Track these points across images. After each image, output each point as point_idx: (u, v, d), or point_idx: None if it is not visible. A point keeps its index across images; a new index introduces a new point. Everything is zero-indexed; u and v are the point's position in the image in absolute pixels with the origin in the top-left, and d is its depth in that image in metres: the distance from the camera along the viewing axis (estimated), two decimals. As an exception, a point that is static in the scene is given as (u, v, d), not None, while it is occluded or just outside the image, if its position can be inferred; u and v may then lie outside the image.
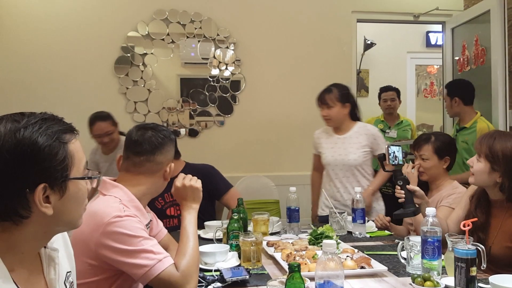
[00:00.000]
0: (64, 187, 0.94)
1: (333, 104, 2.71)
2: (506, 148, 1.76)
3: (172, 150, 1.66)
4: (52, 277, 1.02)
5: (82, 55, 3.67)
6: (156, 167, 1.60)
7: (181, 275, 1.40)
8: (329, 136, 2.83)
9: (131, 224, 1.42)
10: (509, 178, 1.75)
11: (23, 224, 0.91)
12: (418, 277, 1.50)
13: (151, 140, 1.60)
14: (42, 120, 0.93)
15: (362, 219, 2.28)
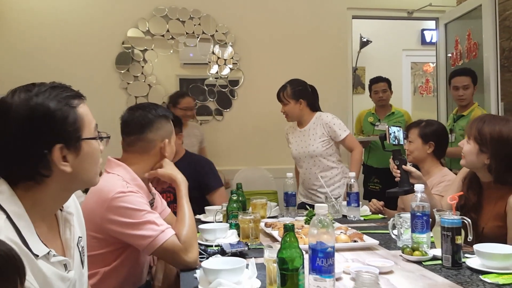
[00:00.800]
0: (78, 147, 1.04)
1: (287, 101, 2.91)
2: (494, 131, 1.82)
3: (166, 128, 1.70)
4: (67, 237, 1.11)
5: (84, 51, 3.76)
6: (148, 145, 1.66)
7: (183, 244, 1.49)
8: (294, 131, 3.04)
9: (134, 199, 1.50)
10: (496, 159, 1.80)
11: (45, 183, 1.01)
12: (407, 248, 1.59)
13: (138, 119, 1.66)
14: (52, 88, 1.04)
15: (356, 202, 2.36)
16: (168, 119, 1.73)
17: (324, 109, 4.04)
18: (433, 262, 1.53)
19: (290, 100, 2.90)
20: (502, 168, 1.80)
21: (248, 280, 1.32)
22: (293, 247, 1.18)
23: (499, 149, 1.80)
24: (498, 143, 1.81)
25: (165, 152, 1.68)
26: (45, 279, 0.97)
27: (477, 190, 1.93)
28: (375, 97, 4.05)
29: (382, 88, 3.99)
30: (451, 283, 1.34)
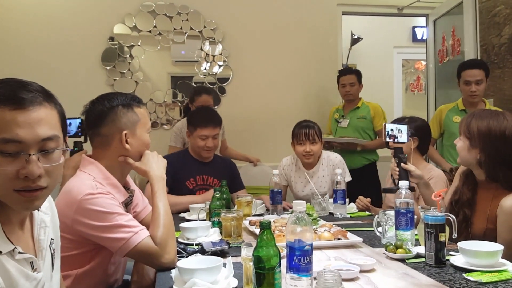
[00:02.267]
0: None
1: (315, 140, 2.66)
2: (481, 125, 1.80)
3: (126, 118, 1.57)
4: (41, 237, 1.07)
5: (70, 47, 3.70)
6: (105, 140, 1.57)
7: (158, 246, 1.44)
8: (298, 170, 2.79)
9: (103, 201, 1.43)
10: (486, 154, 1.78)
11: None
12: (391, 245, 1.55)
13: (93, 112, 1.58)
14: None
15: (342, 200, 2.33)
16: (128, 107, 1.58)
17: (314, 106, 4.03)
18: (417, 260, 1.50)
19: (319, 139, 2.67)
20: (492, 162, 1.77)
21: (224, 279, 1.28)
22: (269, 245, 1.14)
23: (488, 143, 1.77)
24: (486, 137, 1.78)
25: (125, 144, 1.56)
26: (8, 275, 0.93)
27: (472, 186, 1.89)
28: (342, 90, 3.71)
29: (350, 82, 3.64)
30: (433, 282, 1.30)
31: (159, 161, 1.66)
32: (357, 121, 3.63)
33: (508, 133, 1.75)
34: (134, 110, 1.60)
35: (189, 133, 2.69)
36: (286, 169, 2.83)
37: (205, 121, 2.61)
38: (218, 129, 2.66)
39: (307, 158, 2.67)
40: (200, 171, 2.64)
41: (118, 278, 1.66)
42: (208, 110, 2.93)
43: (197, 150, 2.65)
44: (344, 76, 3.66)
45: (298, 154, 2.70)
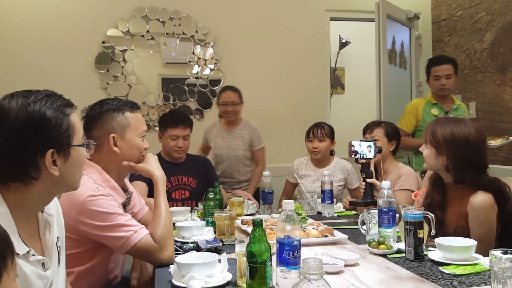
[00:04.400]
0: (68, 153, 1.12)
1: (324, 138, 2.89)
2: (446, 133, 1.88)
3: (115, 121, 1.65)
4: (47, 237, 1.16)
5: (63, 51, 3.76)
6: (97, 143, 1.60)
7: (158, 244, 1.54)
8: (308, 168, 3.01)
9: (105, 202, 1.53)
10: (452, 160, 1.87)
11: (32, 184, 1.07)
12: (374, 241, 1.67)
13: (87, 117, 1.68)
14: (47, 96, 1.11)
15: (330, 199, 2.44)
16: (118, 111, 1.66)
17: (303, 109, 4.15)
18: (397, 255, 1.62)
19: (328, 138, 2.90)
20: (459, 168, 1.86)
21: (220, 273, 1.38)
22: (261, 241, 1.25)
23: (453, 149, 1.86)
24: (451, 144, 1.86)
25: (113, 147, 1.64)
26: (24, 276, 1.02)
27: (442, 189, 1.99)
28: (435, 83, 3.15)
29: (446, 73, 3.11)
30: (412, 274, 1.42)
31: (158, 162, 1.76)
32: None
33: (471, 139, 1.85)
34: (124, 115, 1.69)
35: (161, 134, 2.80)
36: (297, 166, 3.05)
37: (176, 122, 2.72)
38: (189, 130, 2.77)
39: (315, 154, 2.93)
40: (174, 172, 2.73)
41: (118, 274, 1.75)
42: (179, 111, 3.15)
43: (168, 151, 2.75)
44: (438, 66, 3.13)
45: (308, 150, 2.98)
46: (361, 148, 2.23)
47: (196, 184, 2.76)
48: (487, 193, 1.80)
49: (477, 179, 1.84)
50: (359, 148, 2.24)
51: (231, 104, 3.24)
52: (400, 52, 4.28)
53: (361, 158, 2.24)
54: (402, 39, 4.31)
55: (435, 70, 3.20)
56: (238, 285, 1.34)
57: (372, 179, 2.19)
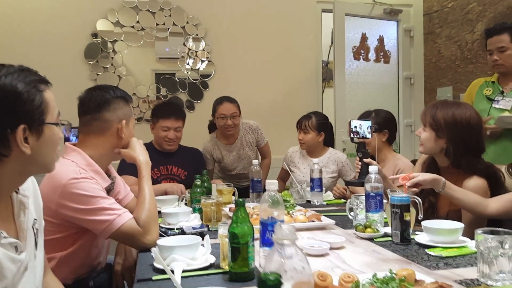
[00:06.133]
0: (40, 130, 1.07)
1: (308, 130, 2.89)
2: (447, 115, 1.88)
3: (124, 109, 1.70)
4: (21, 219, 1.13)
5: (53, 42, 3.72)
6: (104, 125, 1.65)
7: (142, 228, 1.51)
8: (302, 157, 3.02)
9: (87, 185, 1.50)
10: (453, 143, 1.86)
11: (3, 162, 1.03)
12: (360, 225, 1.65)
13: (95, 98, 1.66)
14: (20, 70, 1.07)
15: (319, 188, 2.43)
16: (126, 101, 1.72)
17: (295, 101, 4.13)
18: (384, 239, 1.60)
19: (313, 130, 2.88)
20: (459, 151, 1.86)
21: (202, 256, 1.35)
22: (243, 222, 1.23)
23: (454, 132, 1.86)
24: (452, 127, 1.86)
25: (122, 133, 1.67)
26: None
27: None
28: (489, 60, 2.69)
29: (498, 46, 2.56)
30: (398, 257, 1.40)
31: (144, 147, 1.74)
32: None
33: (473, 122, 1.85)
34: (129, 105, 1.75)
35: (152, 125, 2.78)
36: (291, 154, 3.05)
37: (168, 113, 2.70)
38: (181, 122, 2.75)
39: (300, 145, 2.95)
40: (164, 161, 2.72)
41: (101, 261, 1.72)
42: (172, 103, 3.08)
43: (159, 142, 2.73)
44: (490, 39, 2.63)
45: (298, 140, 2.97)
46: (361, 128, 2.20)
47: (186, 176, 2.73)
48: (481, 178, 1.81)
49: (474, 163, 1.85)
50: (359, 128, 2.20)
51: (230, 117, 3.03)
52: (377, 47, 4.30)
53: (359, 138, 2.20)
54: (381, 33, 4.32)
55: (488, 44, 2.66)
56: (221, 267, 1.31)
57: (369, 158, 2.16)
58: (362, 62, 4.23)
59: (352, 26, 4.18)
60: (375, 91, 4.26)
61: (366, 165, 2.16)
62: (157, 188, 2.53)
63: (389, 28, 4.40)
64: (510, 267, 1.15)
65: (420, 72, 4.43)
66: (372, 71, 4.29)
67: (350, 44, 4.19)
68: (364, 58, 4.23)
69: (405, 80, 4.40)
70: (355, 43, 4.21)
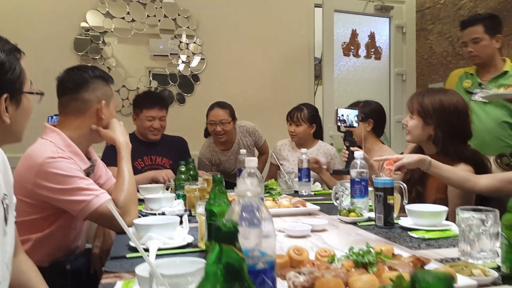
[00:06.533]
0: (19, 99, 1.07)
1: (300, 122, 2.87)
2: (435, 102, 1.87)
3: (103, 89, 1.65)
4: None
5: (42, 33, 3.67)
6: (83, 106, 1.61)
7: (120, 209, 1.48)
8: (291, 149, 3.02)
9: (64, 165, 1.47)
10: (441, 129, 1.85)
11: None
12: (344, 210, 1.63)
13: (73, 78, 1.62)
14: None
15: (307, 178, 2.40)
16: (106, 81, 1.68)
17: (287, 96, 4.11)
18: (368, 223, 1.58)
19: (305, 122, 2.86)
20: (447, 137, 1.84)
21: (180, 236, 1.32)
22: (221, 199, 1.20)
23: (442, 117, 1.85)
24: (440, 112, 1.85)
25: (102, 114, 1.63)
26: None
27: None
28: (465, 51, 2.64)
29: (472, 37, 2.51)
30: (379, 238, 1.38)
31: (124, 130, 1.71)
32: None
33: (460, 107, 1.84)
34: (110, 86, 1.71)
35: (135, 115, 2.74)
36: (280, 147, 3.04)
37: (152, 103, 2.68)
38: (165, 111, 2.73)
39: (292, 137, 2.94)
40: (148, 151, 2.70)
41: (80, 245, 1.69)
42: (153, 92, 3.08)
43: (144, 132, 2.70)
44: (465, 30, 2.58)
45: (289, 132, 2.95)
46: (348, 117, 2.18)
47: (170, 165, 2.71)
48: (467, 165, 1.80)
49: (461, 149, 1.84)
50: (346, 117, 2.18)
51: (219, 123, 2.96)
52: (368, 44, 4.29)
53: (346, 127, 2.18)
54: (372, 30, 4.31)
55: (463, 36, 2.62)
56: (198, 247, 1.28)
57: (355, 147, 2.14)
58: (352, 58, 4.22)
59: (342, 23, 4.18)
60: (366, 87, 4.25)
61: (353, 153, 2.14)
62: (145, 176, 2.51)
63: (380, 25, 4.40)
64: (491, 246, 1.13)
65: (412, 68, 4.42)
66: (362, 67, 4.28)
67: (340, 40, 4.18)
68: (354, 54, 4.22)
69: (397, 76, 4.39)
70: (345, 39, 4.20)
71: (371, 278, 0.84)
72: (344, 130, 2.19)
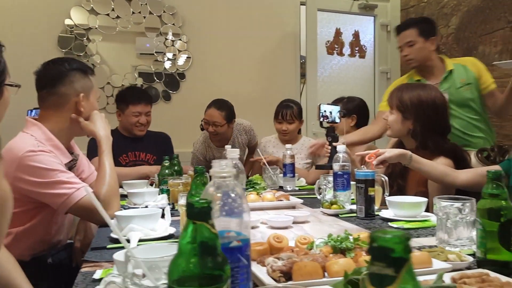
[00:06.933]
0: (1, 91, 1.05)
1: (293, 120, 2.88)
2: (413, 97, 1.90)
3: (82, 82, 1.63)
4: None
5: (25, 30, 3.63)
6: (61, 100, 1.59)
7: (102, 202, 1.47)
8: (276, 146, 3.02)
9: (45, 158, 1.45)
10: (419, 123, 1.88)
11: None
12: (326, 202, 1.64)
13: (50, 72, 1.60)
14: None
15: (292, 173, 2.41)
16: (85, 73, 1.65)
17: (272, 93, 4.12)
18: (349, 215, 1.59)
19: (296, 119, 2.88)
20: (425, 131, 1.87)
21: (162, 227, 1.32)
22: (202, 189, 1.20)
23: (420, 112, 1.87)
24: (418, 107, 1.88)
25: (81, 107, 1.61)
26: None
27: None
28: (401, 56, 2.59)
29: (406, 41, 2.46)
30: (360, 228, 1.39)
31: (106, 122, 1.70)
32: (462, 92, 2.43)
33: (438, 102, 1.88)
34: (89, 77, 1.67)
35: (120, 111, 2.72)
36: (264, 144, 3.04)
37: (137, 98, 2.67)
38: (150, 107, 2.72)
39: (283, 135, 2.93)
40: (132, 147, 2.69)
41: (62, 239, 1.67)
42: (137, 88, 3.10)
43: (129, 128, 2.69)
44: (399, 36, 2.54)
45: (277, 130, 2.96)
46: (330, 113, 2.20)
47: (154, 161, 2.70)
48: (447, 159, 1.82)
49: (440, 143, 1.87)
50: (328, 112, 2.20)
51: (212, 124, 2.91)
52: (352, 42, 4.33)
53: (328, 122, 2.20)
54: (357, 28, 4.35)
55: (398, 41, 2.58)
56: (180, 238, 1.29)
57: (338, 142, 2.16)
58: (336, 56, 4.25)
59: (326, 21, 4.21)
60: (350, 85, 4.27)
61: (335, 149, 2.16)
62: (137, 170, 2.50)
63: (365, 23, 4.44)
64: (468, 233, 1.15)
65: (397, 66, 4.46)
66: (347, 66, 4.31)
67: (324, 39, 4.21)
68: (338, 53, 4.25)
69: (381, 74, 4.43)
70: (328, 38, 4.23)
71: (347, 261, 0.85)
72: (327, 125, 2.21)
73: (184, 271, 0.51)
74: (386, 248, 0.39)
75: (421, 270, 0.88)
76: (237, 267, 0.65)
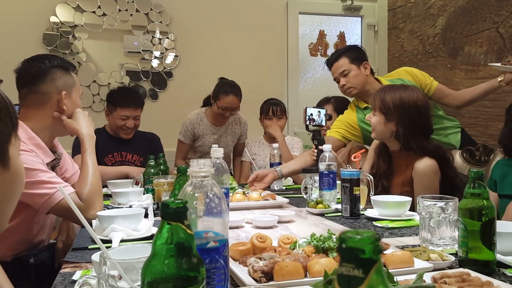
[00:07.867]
0: None
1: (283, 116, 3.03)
2: (395, 98, 1.89)
3: (64, 79, 1.60)
4: None
5: (10, 27, 3.57)
6: (42, 98, 1.56)
7: (84, 202, 1.45)
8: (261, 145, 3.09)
9: (25, 157, 1.41)
10: (402, 125, 1.88)
11: None
12: (312, 202, 1.64)
13: (30, 70, 1.56)
14: None
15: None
16: (66, 70, 1.62)
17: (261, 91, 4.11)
18: (335, 214, 1.59)
19: (284, 115, 2.98)
20: (408, 133, 1.87)
21: (145, 227, 1.31)
22: (186, 189, 1.19)
23: (402, 114, 1.87)
24: (400, 108, 1.88)
25: (63, 105, 1.58)
26: None
27: (387, 158, 1.99)
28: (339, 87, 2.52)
29: (340, 71, 2.44)
30: (345, 228, 1.39)
31: (90, 120, 1.67)
32: None
33: (420, 103, 1.87)
34: (71, 74, 1.64)
35: (108, 111, 2.68)
36: (250, 145, 3.08)
37: (127, 101, 2.61)
38: (140, 111, 2.67)
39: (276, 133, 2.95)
40: (119, 148, 2.66)
41: (44, 239, 1.65)
42: (131, 90, 2.97)
43: (116, 130, 2.66)
44: (332, 68, 2.51)
45: (264, 127, 3.02)
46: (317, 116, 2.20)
47: (141, 162, 2.67)
48: (431, 159, 1.83)
49: (424, 144, 1.87)
50: (315, 115, 2.20)
51: (231, 109, 2.91)
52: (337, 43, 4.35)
53: (313, 125, 2.20)
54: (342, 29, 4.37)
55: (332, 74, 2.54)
56: (163, 238, 1.27)
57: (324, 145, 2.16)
58: (320, 58, 4.27)
59: (309, 24, 4.23)
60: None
61: (321, 151, 2.16)
62: (118, 170, 2.47)
63: (351, 24, 4.45)
64: (451, 233, 1.16)
65: (384, 66, 4.49)
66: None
67: (307, 40, 4.22)
68: (322, 54, 4.26)
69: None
70: (312, 40, 4.25)
71: (329, 261, 0.84)
72: (313, 129, 2.21)
73: (159, 273, 0.50)
74: (355, 249, 0.38)
75: (403, 269, 0.88)
76: (214, 268, 0.64)
